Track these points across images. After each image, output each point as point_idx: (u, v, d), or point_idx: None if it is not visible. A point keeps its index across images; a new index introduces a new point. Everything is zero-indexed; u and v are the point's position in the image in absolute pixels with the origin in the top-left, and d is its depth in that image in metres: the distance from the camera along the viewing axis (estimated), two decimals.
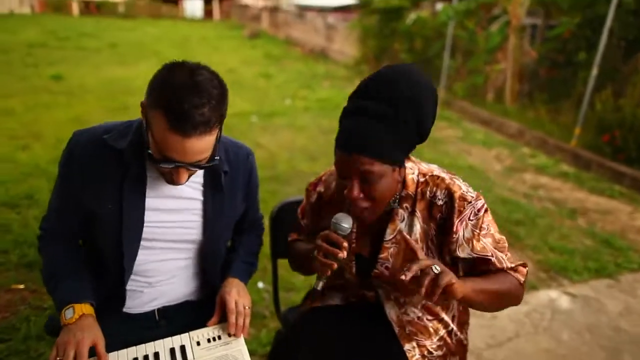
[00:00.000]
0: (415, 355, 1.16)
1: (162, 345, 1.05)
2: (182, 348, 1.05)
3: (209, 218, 1.16)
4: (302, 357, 1.14)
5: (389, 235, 1.12)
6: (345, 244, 1.00)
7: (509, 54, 7.00)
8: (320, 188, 1.26)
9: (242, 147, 1.25)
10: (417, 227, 1.10)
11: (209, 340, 1.08)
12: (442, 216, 1.08)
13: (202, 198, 1.15)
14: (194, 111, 0.91)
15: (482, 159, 4.91)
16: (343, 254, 1.00)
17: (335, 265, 1.00)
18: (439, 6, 9.88)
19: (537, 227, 3.28)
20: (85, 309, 1.03)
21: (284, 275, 1.55)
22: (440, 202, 1.08)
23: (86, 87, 7.01)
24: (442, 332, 1.21)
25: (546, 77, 7.26)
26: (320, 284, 1.03)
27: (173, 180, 1.01)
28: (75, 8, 23.31)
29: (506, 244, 1.12)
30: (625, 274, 2.72)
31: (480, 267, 1.10)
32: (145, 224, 1.10)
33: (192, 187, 1.14)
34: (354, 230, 1.16)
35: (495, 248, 1.09)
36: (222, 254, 1.28)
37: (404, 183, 1.10)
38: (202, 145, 0.95)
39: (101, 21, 18.58)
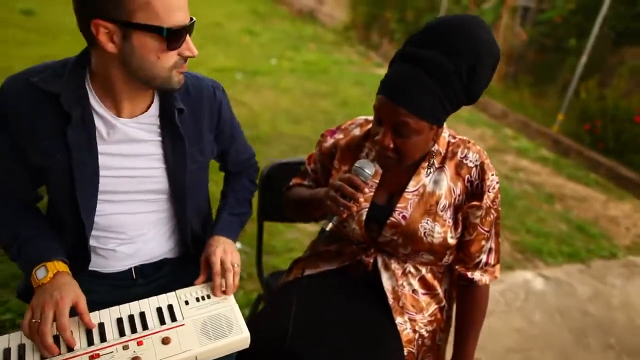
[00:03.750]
0: (406, 329, 1.13)
1: (148, 305, 0.98)
2: (170, 307, 0.98)
3: (170, 164, 1.04)
4: (290, 323, 1.09)
5: (412, 187, 1.10)
6: (366, 190, 1.00)
7: (500, 33, 6.93)
8: (339, 135, 1.21)
9: (205, 79, 1.11)
10: (444, 182, 1.09)
11: (197, 300, 1.01)
12: (471, 179, 1.09)
13: (159, 139, 1.02)
14: None
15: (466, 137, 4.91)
16: (362, 199, 0.99)
17: (355, 208, 0.99)
18: None
19: (515, 208, 3.32)
20: (59, 266, 0.93)
21: (265, 238, 1.50)
22: (470, 164, 1.09)
23: (63, 27, 6.56)
24: (434, 307, 1.19)
25: (534, 60, 7.26)
26: (330, 225, 1.00)
27: (182, 58, 0.93)
28: None
29: (500, 230, 1.17)
30: (596, 260, 2.80)
31: (472, 243, 1.12)
32: (101, 173, 0.98)
33: (146, 126, 1.01)
34: (375, 181, 1.13)
35: (494, 231, 1.14)
36: (201, 205, 1.18)
37: (434, 140, 1.08)
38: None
39: None
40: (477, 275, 1.15)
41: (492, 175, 1.09)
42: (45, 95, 0.91)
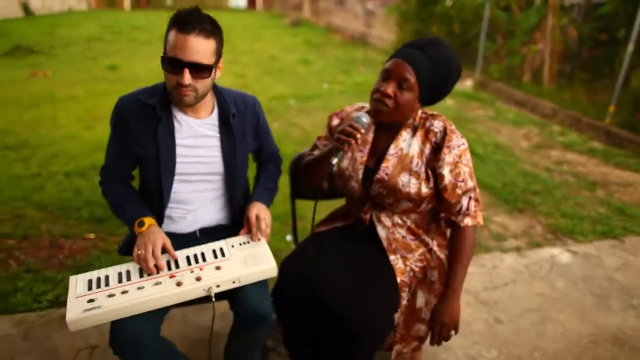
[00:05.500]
0: (398, 264, 1.47)
1: (207, 248, 1.42)
2: (221, 249, 1.41)
3: (225, 152, 1.49)
4: (310, 264, 1.47)
5: (392, 150, 1.45)
6: (363, 131, 1.33)
7: (546, 34, 6.96)
8: (342, 115, 1.59)
9: (248, 96, 1.58)
10: (415, 145, 1.44)
11: (240, 244, 1.44)
12: (436, 140, 1.42)
13: (218, 136, 1.48)
14: (194, 19, 1.27)
15: (510, 137, 5.04)
16: (359, 136, 1.33)
17: (353, 142, 1.32)
18: None
19: (552, 196, 3.45)
20: (151, 221, 1.41)
21: (299, 211, 1.93)
22: (435, 130, 1.42)
23: (138, 76, 7.60)
24: (422, 249, 1.52)
25: (589, 56, 7.18)
26: (336, 160, 1.32)
27: (180, 83, 1.29)
28: (126, 3, 24.54)
29: (476, 184, 1.47)
30: (631, 236, 2.88)
31: (448, 191, 1.41)
32: (177, 160, 1.44)
33: (210, 128, 1.47)
34: (367, 147, 1.50)
35: (469, 176, 1.43)
36: (243, 184, 1.62)
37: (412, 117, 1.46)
38: (200, 45, 1.27)
39: (150, 14, 19.53)
40: (459, 218, 1.44)
41: (456, 137, 1.41)
42: (145, 107, 1.42)
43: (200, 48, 1.28)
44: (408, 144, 1.45)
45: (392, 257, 1.47)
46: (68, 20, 17.14)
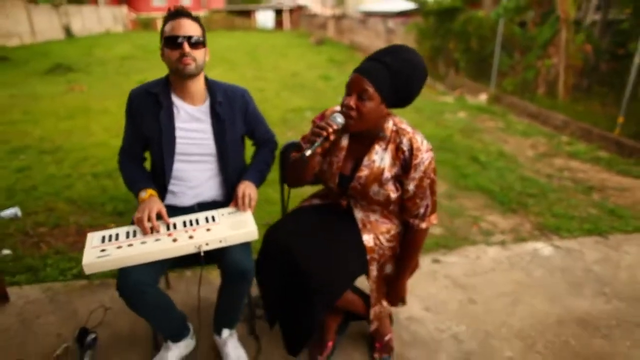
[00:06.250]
0: (370, 242, 1.68)
1: (201, 215, 1.69)
2: (212, 217, 1.68)
3: (216, 135, 1.76)
4: (290, 235, 1.70)
5: (365, 161, 1.61)
6: (335, 127, 1.47)
7: (560, 48, 7.08)
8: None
9: (237, 87, 1.86)
10: (386, 159, 1.59)
11: (229, 213, 1.71)
12: (404, 157, 1.57)
13: (210, 120, 1.77)
14: (183, 10, 1.63)
15: (516, 146, 5.17)
16: (331, 132, 1.47)
17: (324, 134, 1.45)
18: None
19: (547, 199, 3.59)
20: (152, 192, 1.70)
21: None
22: (404, 148, 1.56)
23: None
24: (394, 231, 1.73)
25: (607, 70, 7.27)
26: (309, 152, 1.43)
27: (182, 54, 1.59)
28: (160, 25, 25.73)
29: (435, 190, 1.65)
30: (616, 234, 2.99)
31: (410, 201, 1.63)
32: (177, 142, 1.73)
33: (203, 113, 1.75)
34: (343, 153, 1.68)
35: (430, 192, 1.62)
36: (238, 166, 1.88)
37: (383, 129, 1.61)
38: (191, 26, 1.61)
39: None
40: (416, 222, 1.66)
41: (421, 153, 1.54)
42: (151, 95, 1.72)
43: (192, 27, 1.62)
44: (380, 157, 1.60)
45: (365, 237, 1.69)
46: (105, 41, 18.19)
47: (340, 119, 1.50)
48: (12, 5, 15.98)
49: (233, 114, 1.82)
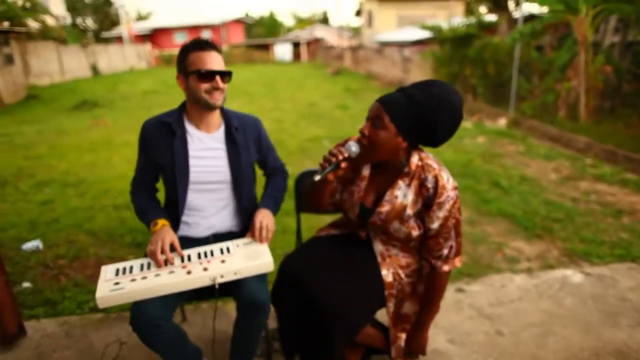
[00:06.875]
0: (389, 277, 1.62)
1: (216, 247, 1.67)
2: (227, 248, 1.65)
3: (231, 159, 1.75)
4: (307, 266, 1.66)
5: (387, 196, 1.55)
6: (347, 155, 1.45)
7: (579, 70, 7.00)
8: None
9: (250, 116, 1.87)
10: (410, 196, 1.52)
11: (244, 244, 1.68)
12: (428, 195, 1.49)
13: (225, 147, 1.76)
14: (208, 42, 1.64)
15: (539, 170, 5.06)
16: (343, 158, 1.44)
17: (334, 160, 1.43)
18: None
19: (574, 223, 3.46)
20: (164, 222, 1.68)
21: (303, 226, 2.16)
22: (429, 185, 1.48)
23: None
24: (414, 266, 1.65)
25: (630, 91, 7.15)
26: (317, 177, 1.42)
27: (214, 87, 1.62)
28: None
29: (461, 232, 1.55)
30: None
31: (433, 239, 1.54)
32: (191, 170, 1.71)
33: (217, 140, 1.75)
34: (364, 183, 1.62)
35: (455, 232, 1.53)
36: (250, 195, 1.86)
37: (408, 163, 1.52)
38: (219, 59, 1.65)
39: None
40: (438, 263, 1.56)
41: (446, 192, 1.46)
42: (164, 125, 1.73)
43: (220, 60, 1.66)
44: (403, 193, 1.53)
45: (384, 272, 1.62)
46: (129, 77, 18.85)
47: (354, 148, 1.47)
48: (44, 47, 16.77)
49: (246, 140, 1.82)
